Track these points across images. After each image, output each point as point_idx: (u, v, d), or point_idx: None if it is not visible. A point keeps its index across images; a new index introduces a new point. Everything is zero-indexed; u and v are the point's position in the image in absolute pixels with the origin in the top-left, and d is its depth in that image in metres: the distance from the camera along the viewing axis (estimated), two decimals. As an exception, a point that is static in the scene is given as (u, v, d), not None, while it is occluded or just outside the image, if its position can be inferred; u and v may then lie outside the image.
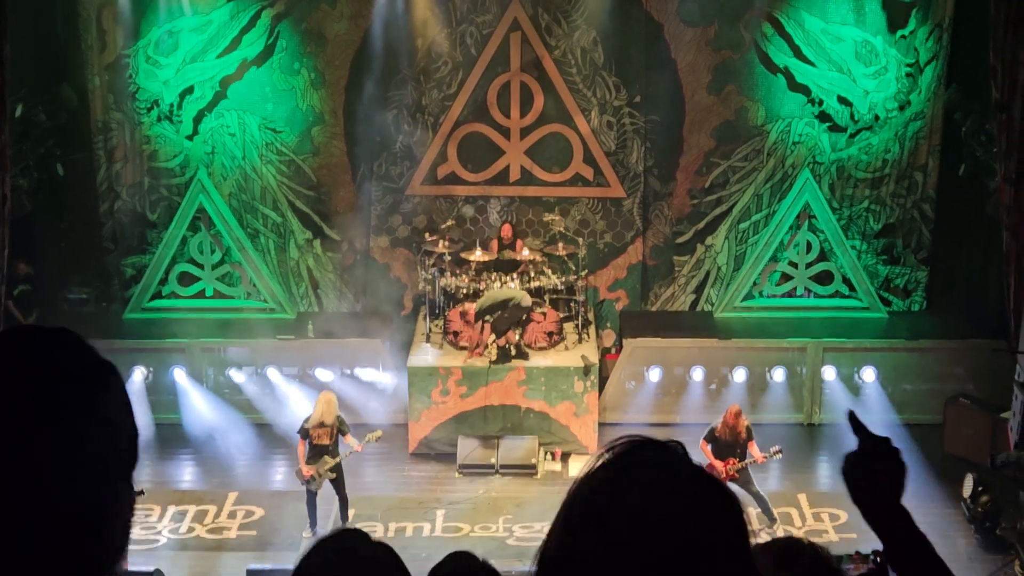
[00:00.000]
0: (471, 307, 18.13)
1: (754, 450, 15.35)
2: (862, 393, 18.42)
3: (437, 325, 18.63)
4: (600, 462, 2.23)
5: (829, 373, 18.46)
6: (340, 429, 15.46)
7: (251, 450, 18.00)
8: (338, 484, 15.58)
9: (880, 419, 18.18)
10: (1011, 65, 15.49)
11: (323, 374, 18.39)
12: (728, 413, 15.37)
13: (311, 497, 15.51)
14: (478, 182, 19.77)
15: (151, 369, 18.48)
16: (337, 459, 15.42)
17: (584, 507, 2.21)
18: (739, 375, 18.38)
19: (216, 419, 18.36)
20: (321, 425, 15.34)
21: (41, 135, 18.52)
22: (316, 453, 15.36)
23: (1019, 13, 15.28)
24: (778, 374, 18.47)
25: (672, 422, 18.33)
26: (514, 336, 17.91)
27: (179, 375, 18.43)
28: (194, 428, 18.31)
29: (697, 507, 2.18)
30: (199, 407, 18.42)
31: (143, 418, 18.19)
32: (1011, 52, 15.46)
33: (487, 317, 17.79)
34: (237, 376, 18.57)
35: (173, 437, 18.16)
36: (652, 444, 2.25)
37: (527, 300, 17.91)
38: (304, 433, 15.40)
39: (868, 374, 18.37)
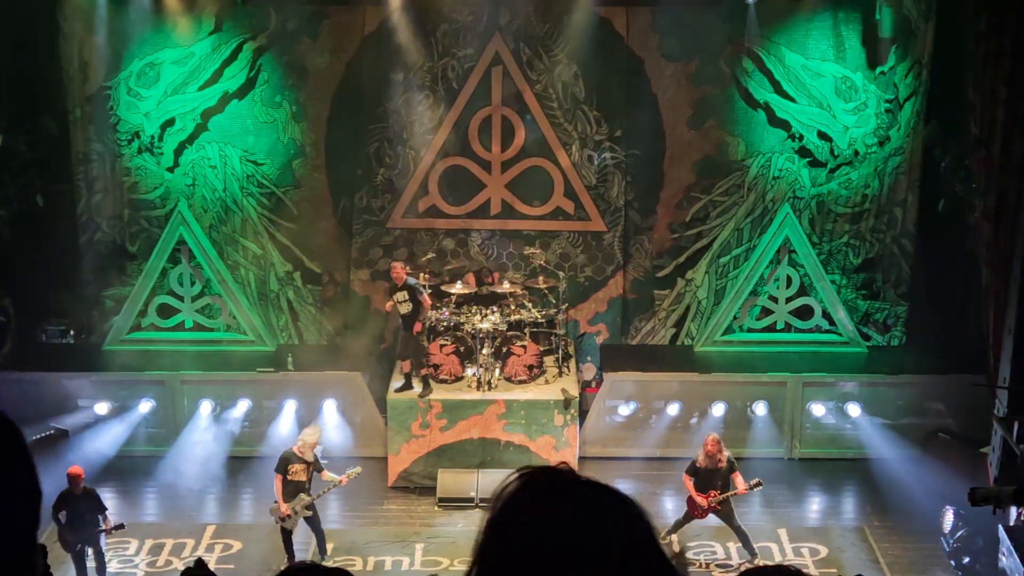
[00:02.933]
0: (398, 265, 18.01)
1: (738, 481, 15.34)
2: (845, 427, 18.47)
3: (417, 358, 18.59)
4: (500, 498, 2.33)
5: (818, 409, 18.46)
6: (316, 467, 15.41)
7: (230, 484, 17.92)
8: (313, 521, 15.51)
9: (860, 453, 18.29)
10: (990, 102, 15.59)
11: (289, 407, 18.33)
12: (707, 443, 15.36)
13: (287, 535, 15.41)
14: (459, 215, 19.79)
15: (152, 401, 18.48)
16: (314, 496, 15.34)
17: (494, 540, 2.31)
18: (719, 409, 18.37)
19: (196, 453, 18.31)
20: (300, 461, 15.29)
21: (21, 166, 18.50)
22: (293, 490, 15.27)
23: (998, 50, 15.39)
24: (759, 408, 18.45)
25: (652, 455, 18.30)
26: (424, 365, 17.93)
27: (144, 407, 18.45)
28: (176, 461, 18.24)
29: (598, 514, 2.30)
30: (183, 440, 18.38)
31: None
32: (990, 89, 15.57)
33: (397, 296, 17.64)
34: (206, 408, 18.50)
35: (154, 470, 18.10)
36: (542, 471, 2.36)
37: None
38: (282, 470, 15.33)
39: (853, 409, 18.37)
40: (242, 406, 18.48)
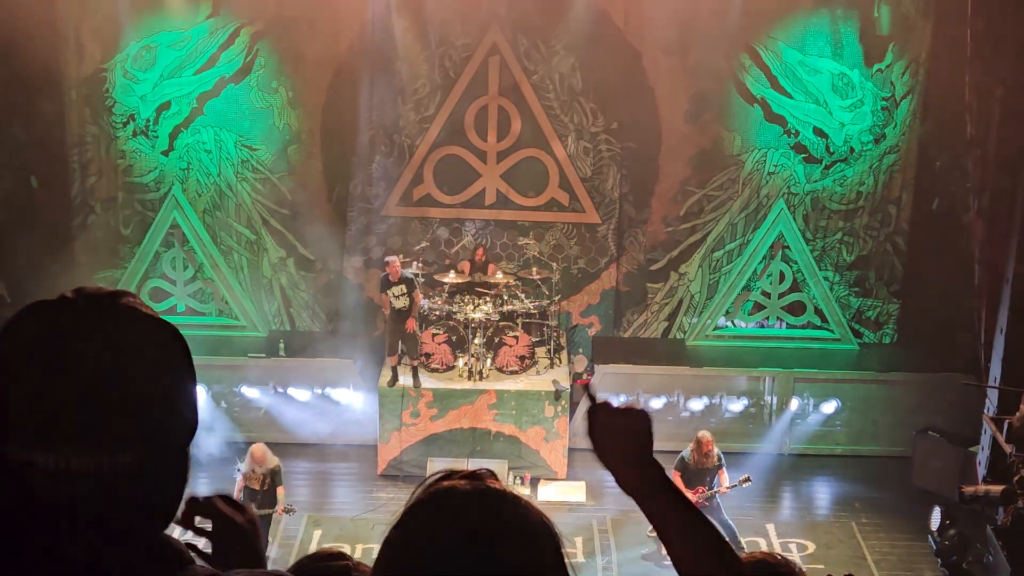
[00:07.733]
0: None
1: (723, 478, 15.33)
2: (836, 424, 18.51)
3: (409, 347, 18.59)
4: (413, 499, 2.27)
5: (793, 404, 18.49)
6: (273, 480, 15.25)
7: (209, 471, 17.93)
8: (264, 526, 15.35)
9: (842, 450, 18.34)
10: (986, 101, 15.60)
11: (296, 393, 18.34)
12: (701, 441, 15.31)
13: None
14: (454, 205, 19.77)
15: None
16: (264, 512, 14.93)
17: (400, 547, 2.25)
18: (710, 403, 18.39)
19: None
20: (252, 471, 15.22)
21: (16, 147, 18.43)
22: (247, 496, 15.14)
23: (995, 50, 15.40)
24: (749, 403, 18.47)
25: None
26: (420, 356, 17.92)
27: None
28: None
29: (507, 529, 2.21)
30: None
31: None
32: (986, 88, 15.58)
33: (393, 291, 17.63)
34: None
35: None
36: (458, 474, 2.32)
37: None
38: (243, 472, 15.32)
39: (828, 406, 18.44)
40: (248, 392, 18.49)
